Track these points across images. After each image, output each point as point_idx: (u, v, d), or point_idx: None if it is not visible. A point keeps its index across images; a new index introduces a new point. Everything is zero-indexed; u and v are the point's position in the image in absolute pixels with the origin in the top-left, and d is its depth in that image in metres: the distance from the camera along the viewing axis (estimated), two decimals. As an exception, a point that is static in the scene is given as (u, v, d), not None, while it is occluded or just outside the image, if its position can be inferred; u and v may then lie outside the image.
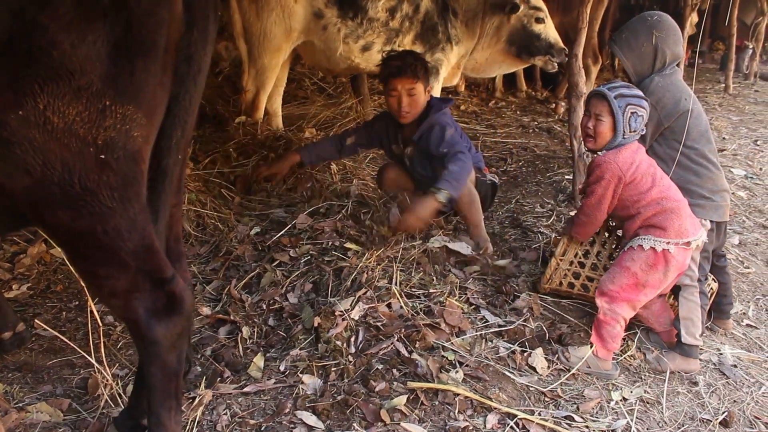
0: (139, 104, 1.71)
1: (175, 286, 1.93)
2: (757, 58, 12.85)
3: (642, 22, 3.28)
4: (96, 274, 1.86)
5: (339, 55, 4.77)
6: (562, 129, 7.01)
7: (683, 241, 2.84)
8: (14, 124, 1.56)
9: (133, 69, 1.67)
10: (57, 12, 1.52)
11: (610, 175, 2.91)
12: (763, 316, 3.64)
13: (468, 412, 2.49)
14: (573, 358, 2.90)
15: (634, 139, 2.95)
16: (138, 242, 1.81)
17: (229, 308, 3.09)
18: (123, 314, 1.94)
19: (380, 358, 2.72)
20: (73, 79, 1.57)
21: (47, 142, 1.60)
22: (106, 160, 1.67)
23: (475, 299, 3.23)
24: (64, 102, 1.58)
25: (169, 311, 1.92)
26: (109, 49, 1.60)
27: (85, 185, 1.67)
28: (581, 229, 3.13)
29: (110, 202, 1.71)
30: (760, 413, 2.76)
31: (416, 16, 4.88)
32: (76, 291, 3.34)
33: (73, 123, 1.60)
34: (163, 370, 1.97)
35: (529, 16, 5.19)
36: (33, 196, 1.68)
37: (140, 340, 1.95)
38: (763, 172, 6.37)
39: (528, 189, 5.13)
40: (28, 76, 1.54)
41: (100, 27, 1.58)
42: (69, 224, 1.72)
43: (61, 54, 1.54)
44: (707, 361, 3.09)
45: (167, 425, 2.02)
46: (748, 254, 4.40)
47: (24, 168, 1.61)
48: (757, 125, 8.52)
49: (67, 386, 2.62)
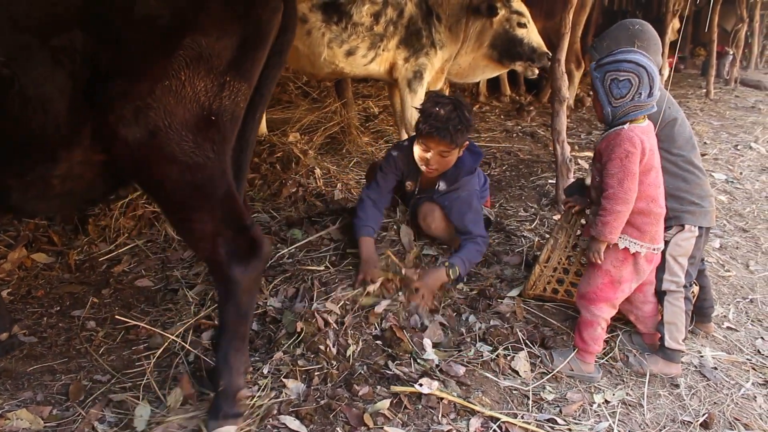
0: (249, 82, 2.18)
1: (254, 232, 2.23)
2: (737, 64, 12.99)
3: (623, 31, 3.24)
4: (189, 218, 2.18)
5: (323, 60, 4.76)
6: (545, 133, 7.05)
7: (654, 248, 2.85)
8: (159, 92, 1.96)
9: (253, 57, 2.16)
10: (210, 13, 2.00)
11: (629, 144, 2.72)
12: (743, 319, 3.68)
13: (451, 415, 2.50)
14: (556, 361, 2.92)
15: (626, 105, 2.74)
16: (225, 190, 2.16)
17: (213, 313, 3.08)
18: (209, 256, 2.21)
19: (363, 363, 2.72)
20: (211, 60, 2.01)
21: (177, 107, 1.99)
22: (216, 121, 2.08)
23: (459, 303, 3.25)
24: (199, 77, 2.00)
25: (248, 255, 2.21)
26: (240, 42, 2.07)
27: (197, 141, 2.06)
28: (616, 222, 2.76)
29: (211, 153, 2.10)
30: (740, 414, 2.78)
31: (400, 21, 4.89)
32: (57, 296, 3.32)
33: (200, 92, 2.02)
34: (237, 310, 2.25)
35: (511, 21, 5.19)
36: (153, 153, 2.03)
37: (221, 281, 2.25)
38: (743, 176, 6.44)
39: (511, 193, 5.15)
40: (180, 57, 1.95)
41: (237, 26, 2.06)
42: (176, 176, 2.09)
43: (208, 42, 1.99)
44: (688, 364, 3.12)
45: (232, 363, 2.28)
46: (728, 257, 4.44)
47: (153, 129, 1.98)
48: (738, 130, 8.61)
49: (48, 393, 2.60)
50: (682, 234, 3.05)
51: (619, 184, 2.74)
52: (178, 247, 3.81)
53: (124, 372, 2.73)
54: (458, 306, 3.23)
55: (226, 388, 2.29)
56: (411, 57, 4.96)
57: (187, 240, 2.30)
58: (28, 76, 1.83)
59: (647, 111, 2.80)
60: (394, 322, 2.95)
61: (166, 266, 3.63)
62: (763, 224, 5.19)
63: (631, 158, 2.73)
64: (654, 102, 2.79)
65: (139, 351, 2.88)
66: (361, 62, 4.87)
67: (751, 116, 9.79)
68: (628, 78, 2.74)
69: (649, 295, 3.05)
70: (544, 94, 8.94)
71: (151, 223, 3.99)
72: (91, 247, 3.79)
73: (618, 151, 2.75)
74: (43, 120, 1.89)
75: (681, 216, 3.05)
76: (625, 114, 2.78)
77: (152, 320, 3.10)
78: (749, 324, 3.63)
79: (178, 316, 3.11)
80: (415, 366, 2.75)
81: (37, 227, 3.82)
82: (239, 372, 2.32)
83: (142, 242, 3.85)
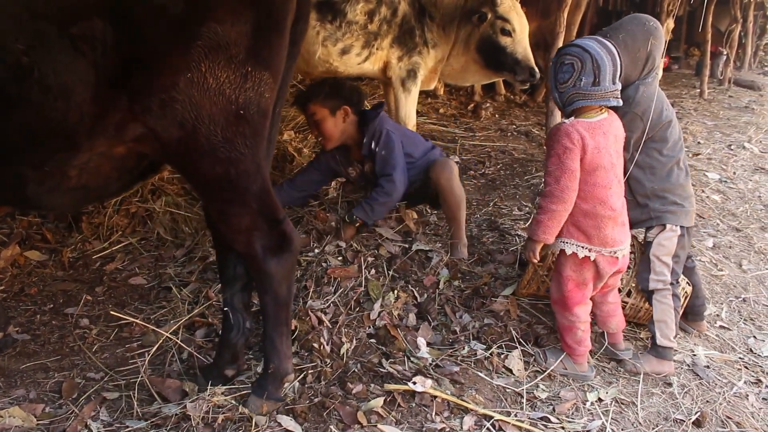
0: (272, 72, 2.14)
1: (286, 226, 2.28)
2: (731, 64, 13.03)
3: (639, 26, 3.10)
4: (226, 212, 2.22)
5: (317, 58, 4.75)
6: (540, 132, 7.06)
7: (607, 251, 2.76)
8: (182, 84, 1.95)
9: (270, 44, 2.12)
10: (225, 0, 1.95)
11: (567, 140, 2.64)
12: (736, 318, 3.69)
13: (445, 413, 2.50)
14: (549, 360, 2.92)
15: (569, 91, 2.67)
16: (260, 185, 2.19)
17: (206, 311, 3.08)
18: (245, 249, 2.28)
19: (357, 361, 2.73)
20: (229, 49, 1.98)
21: (202, 99, 1.98)
22: (244, 114, 2.07)
23: (453, 301, 3.25)
24: (219, 67, 1.98)
25: (281, 248, 2.27)
26: (255, 28, 2.02)
27: (226, 135, 2.06)
28: (551, 221, 2.72)
29: (243, 149, 2.10)
30: (732, 413, 2.80)
31: (394, 20, 4.87)
32: (51, 294, 3.31)
33: (223, 84, 2.00)
34: (275, 299, 2.32)
35: (494, 26, 4.97)
36: (183, 146, 2.04)
37: (257, 274, 2.32)
38: (736, 176, 6.46)
39: (506, 192, 5.16)
40: (198, 47, 1.93)
41: (250, 11, 2.01)
42: (209, 169, 2.10)
43: (224, 30, 1.95)
44: (681, 362, 3.13)
45: (279, 348, 2.38)
46: (721, 257, 4.46)
47: (180, 122, 1.99)
48: (731, 130, 8.65)
49: (41, 390, 2.60)
50: (664, 234, 3.05)
51: (556, 181, 2.68)
52: (171, 245, 3.81)
53: (117, 369, 2.73)
54: (452, 304, 3.23)
55: (275, 371, 2.39)
56: (404, 56, 4.95)
57: (225, 232, 2.31)
58: (49, 64, 1.82)
59: (596, 102, 2.68)
60: (388, 321, 2.95)
61: (159, 264, 3.63)
62: (756, 224, 5.21)
63: (569, 155, 2.65)
64: (605, 94, 2.65)
65: (133, 349, 2.88)
66: (356, 61, 4.86)
67: (745, 116, 9.83)
68: (571, 62, 2.67)
69: (608, 297, 2.99)
70: (538, 93, 8.96)
71: (144, 221, 3.98)
72: (85, 244, 3.78)
73: (556, 147, 2.68)
74: (66, 108, 1.88)
75: (662, 216, 3.05)
76: (571, 101, 2.69)
77: (146, 318, 3.09)
78: (742, 323, 3.64)
79: (172, 313, 3.11)
80: (408, 364, 2.75)
81: (30, 225, 3.82)
82: (287, 356, 2.42)
83: (136, 240, 3.85)
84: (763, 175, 6.73)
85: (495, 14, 5.03)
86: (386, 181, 3.57)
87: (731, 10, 12.40)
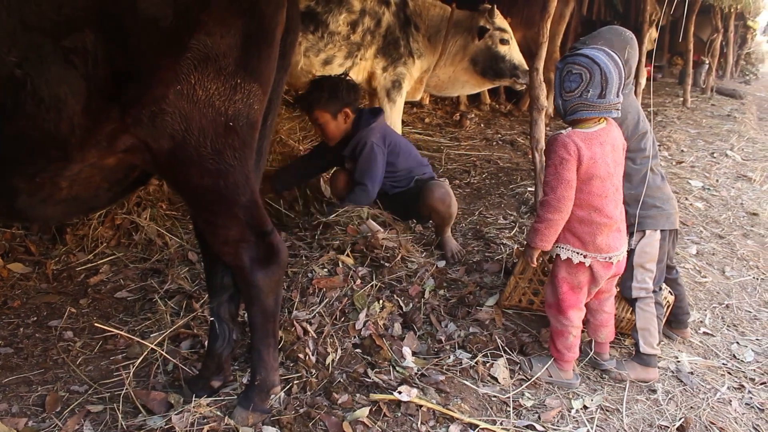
0: (261, 83, 2.15)
1: (274, 238, 2.28)
2: (713, 73, 13.18)
3: (617, 36, 3.11)
4: (214, 223, 2.23)
5: (300, 69, 4.77)
6: (525, 141, 7.10)
7: (602, 257, 2.80)
8: (172, 96, 1.96)
9: (260, 56, 2.12)
10: (213, 11, 1.96)
11: (563, 151, 2.68)
12: (719, 324, 3.73)
13: (430, 423, 2.51)
14: (534, 368, 2.93)
15: (575, 101, 2.69)
16: (248, 197, 2.19)
17: (191, 322, 3.07)
18: (232, 261, 2.28)
19: (343, 371, 2.73)
20: (218, 61, 1.99)
21: (192, 112, 1.99)
22: (233, 126, 2.08)
23: (438, 310, 3.26)
24: (209, 79, 1.99)
25: (269, 260, 2.27)
26: (244, 40, 2.03)
27: (215, 147, 2.07)
28: (547, 230, 2.77)
29: (232, 161, 2.11)
30: (716, 419, 2.82)
31: (378, 30, 4.91)
32: (34, 307, 3.29)
33: (213, 96, 2.01)
34: (262, 311, 2.33)
35: (494, 37, 5.21)
36: (172, 157, 2.05)
37: (244, 285, 2.32)
38: (719, 183, 6.53)
39: (491, 201, 5.19)
40: (188, 59, 1.94)
41: (240, 23, 2.02)
42: (198, 180, 2.11)
43: (214, 42, 1.97)
44: (665, 369, 3.15)
45: (266, 359, 2.38)
46: (705, 264, 4.50)
47: (170, 133, 2.00)
48: (714, 138, 8.75)
49: (23, 404, 2.57)
50: (645, 239, 3.07)
51: (552, 191, 2.72)
52: (156, 256, 3.79)
53: (101, 382, 2.71)
54: (438, 313, 3.24)
55: (261, 383, 2.39)
56: (389, 66, 4.98)
57: (213, 243, 2.31)
58: (41, 76, 1.83)
59: (599, 113, 2.70)
60: (373, 330, 2.95)
61: (144, 276, 3.61)
62: (739, 231, 5.27)
63: (565, 165, 2.68)
64: (609, 107, 2.68)
65: (118, 361, 2.86)
66: (338, 71, 4.88)
67: (727, 124, 9.95)
68: (580, 72, 2.67)
69: (605, 305, 3.01)
70: (523, 102, 9.02)
71: (129, 233, 3.96)
72: (69, 256, 3.76)
73: (553, 158, 2.72)
74: (58, 119, 1.88)
75: (642, 222, 3.06)
76: (574, 111, 2.71)
77: (130, 330, 3.07)
78: (725, 329, 3.68)
79: (157, 325, 3.09)
80: (394, 374, 2.75)
81: (13, 237, 3.79)
82: (274, 368, 2.42)
83: (121, 253, 3.83)
84: (745, 182, 6.81)
85: (493, 26, 5.17)
86: (361, 189, 3.88)
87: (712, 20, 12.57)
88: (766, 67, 26.45)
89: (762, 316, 3.92)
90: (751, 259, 4.76)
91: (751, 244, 5.07)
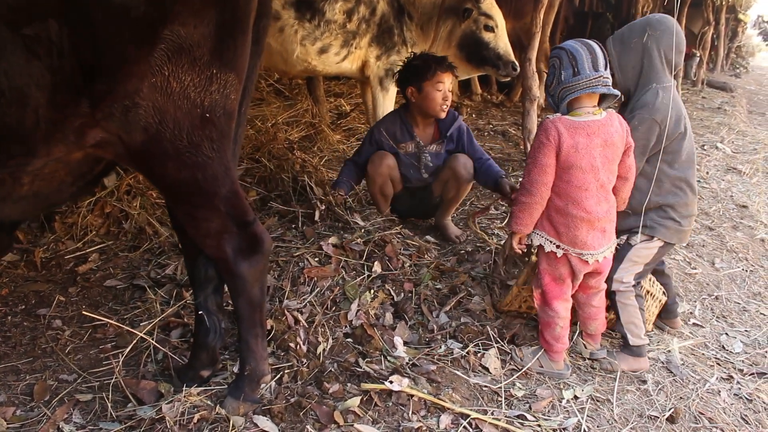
0: (237, 72, 2.10)
1: (256, 228, 2.25)
2: (704, 65, 13.21)
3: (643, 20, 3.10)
4: (195, 216, 2.19)
5: (296, 57, 4.74)
6: (516, 132, 7.10)
7: (575, 252, 2.77)
8: (145, 89, 1.90)
9: (235, 45, 2.07)
10: (187, 0, 1.89)
11: (543, 136, 2.69)
12: (709, 315, 3.75)
13: (421, 412, 2.50)
14: (526, 358, 2.94)
15: (557, 90, 2.72)
16: (228, 188, 2.16)
17: (181, 311, 3.05)
18: (215, 253, 2.25)
19: (334, 360, 2.72)
20: (193, 51, 1.94)
21: (166, 104, 1.94)
22: (210, 118, 2.04)
23: (430, 300, 3.26)
24: (183, 70, 1.94)
25: (252, 250, 2.24)
26: (218, 29, 1.98)
27: (192, 139, 2.02)
28: (522, 213, 2.79)
29: (210, 152, 2.07)
30: (705, 409, 2.84)
31: (372, 19, 4.88)
32: (22, 295, 3.26)
33: (188, 87, 1.96)
34: (249, 302, 2.31)
35: (478, 22, 5.13)
36: (147, 150, 2.00)
37: (229, 277, 2.30)
38: (709, 176, 6.56)
39: (483, 191, 5.18)
40: (162, 50, 1.89)
41: (213, 12, 1.96)
42: (175, 174, 2.06)
43: (188, 32, 1.91)
44: (656, 360, 3.16)
45: (254, 349, 2.37)
46: (695, 255, 4.52)
47: (143, 126, 1.95)
48: (704, 131, 8.77)
49: (11, 393, 2.55)
50: (648, 243, 3.05)
51: (527, 174, 2.75)
52: (146, 245, 3.77)
53: (91, 371, 2.69)
54: (429, 303, 3.24)
55: (251, 373, 2.38)
56: (383, 55, 4.96)
57: (194, 236, 2.28)
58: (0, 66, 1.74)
59: (582, 91, 2.66)
60: (364, 320, 2.95)
61: (133, 264, 3.59)
62: (728, 223, 5.29)
63: (542, 149, 2.69)
64: (589, 82, 2.64)
65: (107, 350, 2.85)
66: (334, 60, 4.86)
67: (717, 117, 9.97)
68: (552, 63, 2.76)
69: (593, 299, 3.00)
70: (515, 93, 9.01)
71: (119, 221, 3.93)
72: (58, 244, 3.73)
73: (534, 142, 2.75)
74: (21, 113, 1.81)
75: (655, 228, 3.02)
76: (561, 99, 2.72)
77: (120, 318, 3.06)
78: (714, 320, 3.70)
79: (147, 314, 3.07)
80: (385, 363, 2.75)
81: (1, 225, 3.75)
82: (263, 358, 2.40)
83: (110, 241, 3.80)
84: (735, 175, 6.84)
85: (478, 10, 5.11)
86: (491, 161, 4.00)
87: (704, 13, 12.59)
88: (756, 60, 26.56)
89: (751, 307, 3.95)
90: (741, 251, 4.79)
91: (741, 236, 5.10)
